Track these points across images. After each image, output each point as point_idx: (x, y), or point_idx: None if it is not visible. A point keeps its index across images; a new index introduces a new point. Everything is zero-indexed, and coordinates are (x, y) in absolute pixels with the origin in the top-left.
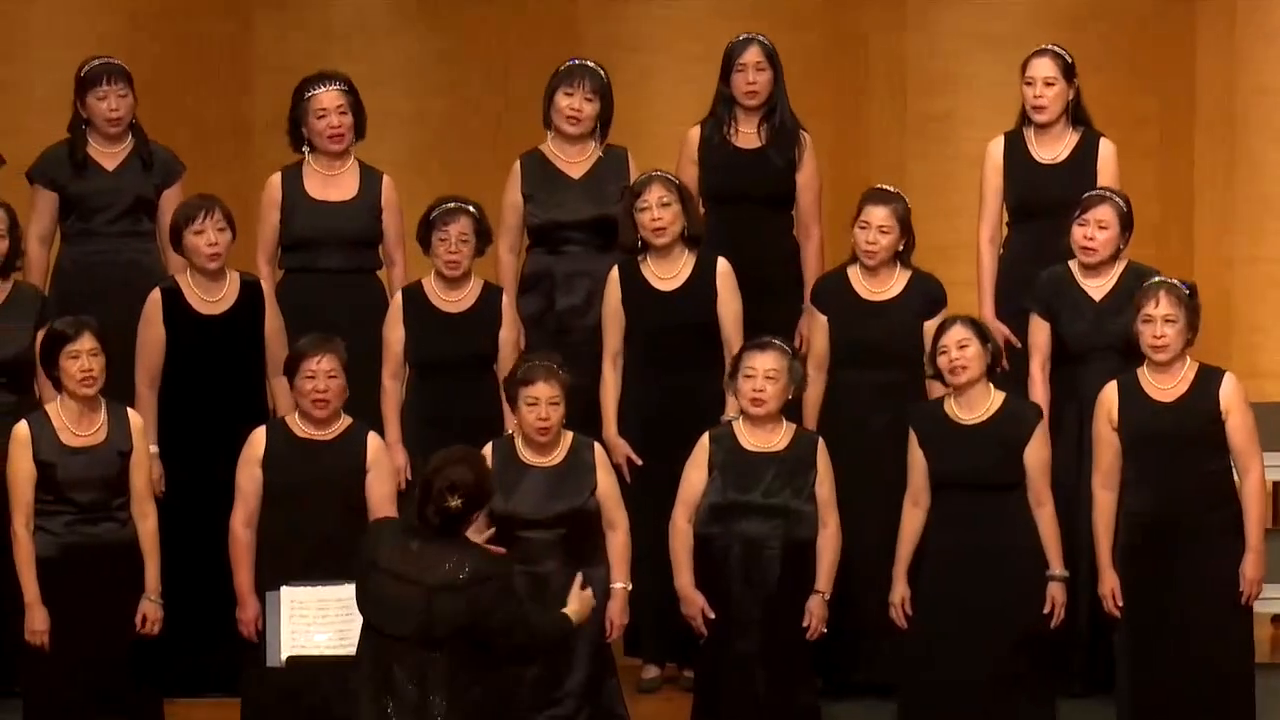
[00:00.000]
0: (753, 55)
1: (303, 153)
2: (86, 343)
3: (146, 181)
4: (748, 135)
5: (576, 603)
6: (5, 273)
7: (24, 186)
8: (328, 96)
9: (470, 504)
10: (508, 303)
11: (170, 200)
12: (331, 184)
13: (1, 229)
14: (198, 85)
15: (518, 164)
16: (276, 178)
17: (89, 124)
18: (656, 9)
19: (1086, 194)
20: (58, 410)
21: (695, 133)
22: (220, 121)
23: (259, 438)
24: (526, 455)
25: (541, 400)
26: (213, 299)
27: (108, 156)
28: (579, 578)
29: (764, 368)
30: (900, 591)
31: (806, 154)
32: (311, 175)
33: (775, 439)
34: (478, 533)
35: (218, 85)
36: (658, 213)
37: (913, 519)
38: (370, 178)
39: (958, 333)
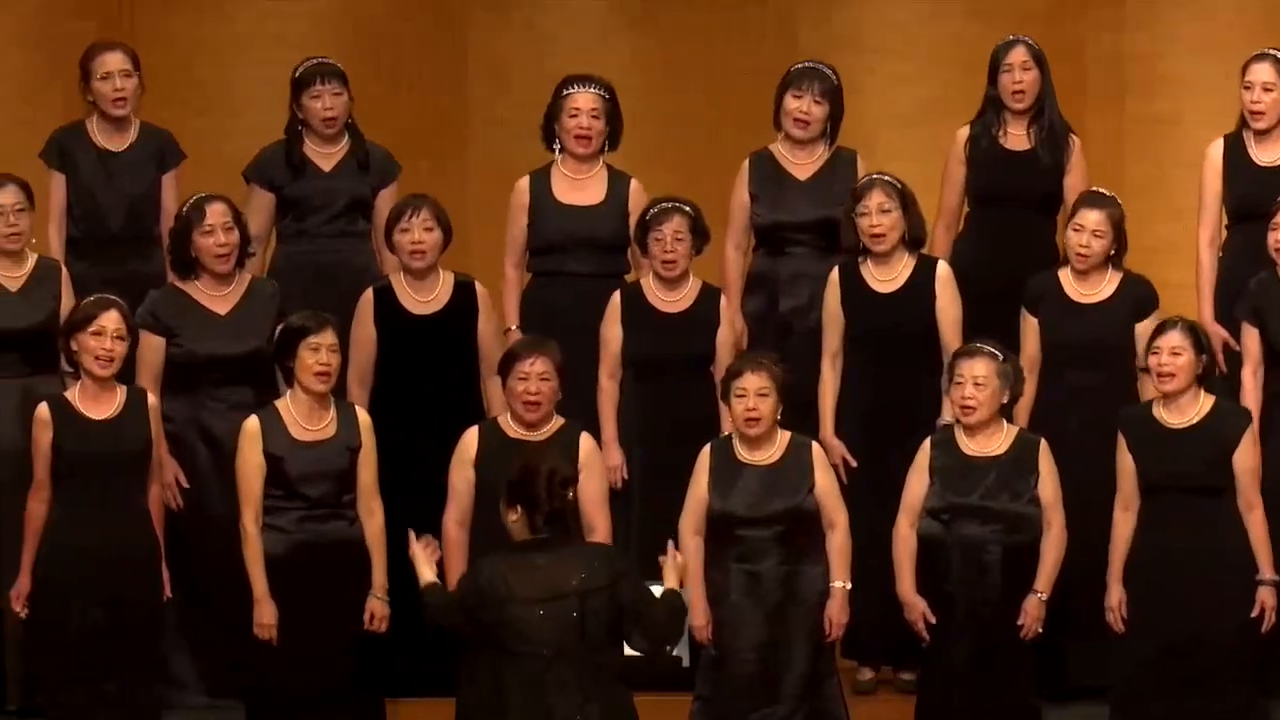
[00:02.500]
0: (1018, 56)
1: (553, 151)
2: (327, 338)
3: (363, 182)
4: (1017, 137)
5: (674, 574)
6: (241, 262)
7: (237, 186)
8: (584, 98)
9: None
10: (726, 303)
11: (386, 201)
12: (579, 188)
13: (228, 220)
14: (409, 85)
15: (746, 163)
16: (525, 181)
17: (305, 125)
18: (873, 10)
19: None
20: (288, 405)
21: (964, 133)
22: (434, 122)
23: (471, 438)
24: (743, 454)
25: (749, 391)
26: (425, 299)
27: (324, 157)
28: (670, 546)
29: (972, 374)
30: (1117, 595)
31: (1075, 157)
32: (560, 179)
33: (995, 443)
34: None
35: (429, 86)
36: (876, 219)
37: (1124, 523)
38: (618, 182)
39: (1174, 339)
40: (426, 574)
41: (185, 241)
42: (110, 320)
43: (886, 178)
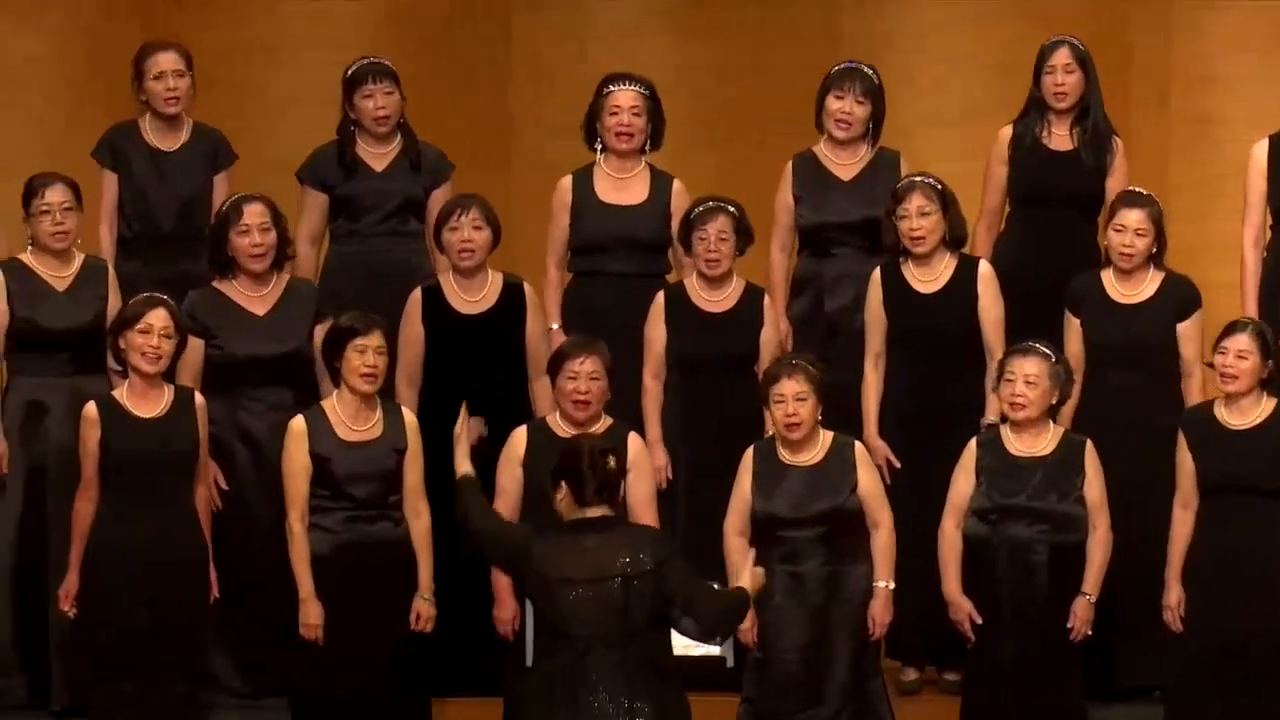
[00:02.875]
0: (1062, 57)
1: (595, 150)
2: (375, 339)
3: (415, 182)
4: (1060, 137)
5: (751, 578)
6: (279, 264)
7: (285, 186)
8: (624, 95)
9: (621, 463)
10: (769, 303)
11: (439, 201)
12: (622, 188)
13: (265, 220)
14: (457, 85)
15: (789, 165)
16: (567, 180)
17: (357, 125)
18: (918, 10)
19: None
20: (334, 405)
21: (1007, 132)
22: (478, 122)
23: (520, 437)
24: (785, 455)
25: (788, 397)
26: (473, 299)
27: (377, 157)
28: (750, 554)
29: (1024, 373)
30: (1175, 594)
31: (1118, 158)
32: (602, 178)
33: (1041, 443)
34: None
35: (477, 85)
36: (916, 222)
37: (1183, 523)
38: (661, 182)
39: (1241, 341)
40: (464, 464)
41: (221, 241)
42: (158, 318)
43: (926, 179)
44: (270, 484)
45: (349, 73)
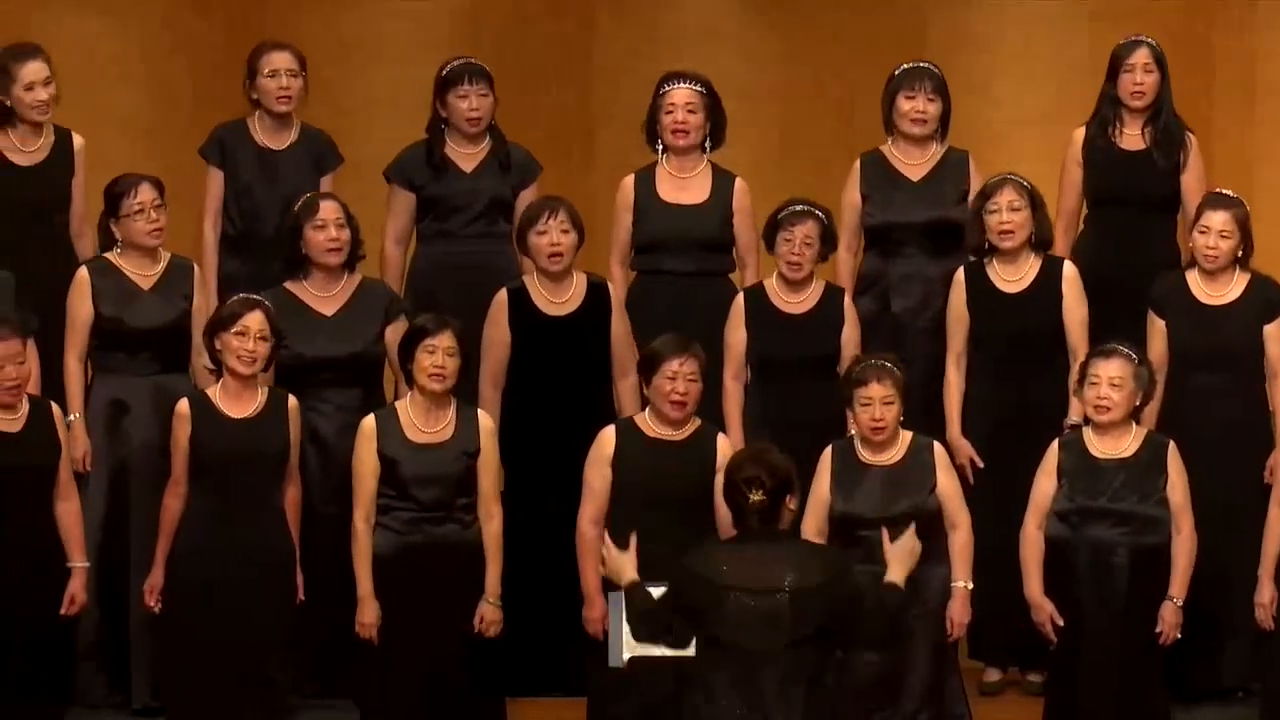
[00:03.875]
0: (1141, 57)
1: (656, 151)
2: (445, 340)
3: (503, 183)
4: (1132, 137)
5: (899, 565)
6: (351, 264)
7: (371, 187)
8: (680, 93)
9: (775, 494)
10: (849, 303)
11: (526, 202)
12: (684, 187)
13: (340, 217)
14: (538, 85)
15: (857, 164)
16: (630, 180)
17: (447, 124)
18: (1001, 9)
19: None
20: (406, 406)
21: (1080, 133)
22: (560, 122)
23: (609, 437)
24: (865, 455)
25: (875, 400)
26: (559, 300)
27: (466, 158)
28: (884, 533)
29: (1108, 375)
30: (1269, 592)
31: (1192, 157)
32: (664, 178)
33: (1124, 445)
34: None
35: (558, 85)
36: (1006, 216)
37: (1278, 521)
38: (723, 181)
39: None
40: (629, 572)
41: (296, 237)
42: (254, 321)
43: (1017, 178)
44: (337, 485)
45: (444, 72)
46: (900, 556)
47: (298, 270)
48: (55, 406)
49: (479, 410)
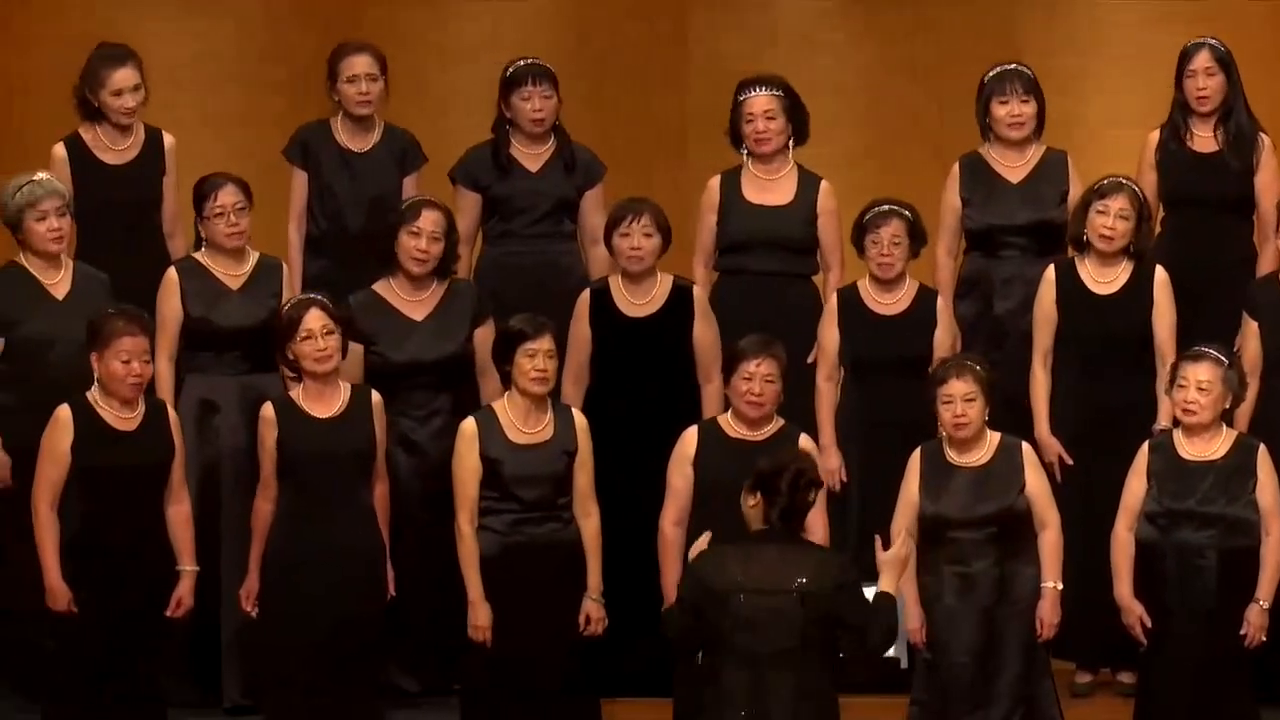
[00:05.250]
0: (1203, 60)
1: (740, 152)
2: (545, 343)
3: (568, 183)
4: (1204, 139)
5: (889, 573)
6: (444, 273)
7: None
8: (758, 101)
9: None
10: (943, 305)
11: (591, 201)
12: (769, 188)
13: (439, 230)
14: (632, 85)
15: (956, 166)
16: (715, 181)
17: (512, 125)
18: (1096, 10)
19: None
20: (504, 408)
21: (1154, 137)
22: (655, 122)
23: (691, 437)
24: (953, 456)
25: (956, 397)
26: (640, 301)
27: (531, 158)
28: (877, 541)
29: (1196, 378)
30: None
31: (1264, 157)
32: (749, 179)
33: (1213, 447)
34: None
35: (651, 85)
36: (1113, 222)
37: None
38: (808, 182)
39: None
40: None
41: (391, 236)
42: (315, 320)
43: (1134, 185)
44: (429, 488)
45: (507, 72)
46: (891, 564)
47: (390, 267)
48: (171, 409)
49: (574, 410)
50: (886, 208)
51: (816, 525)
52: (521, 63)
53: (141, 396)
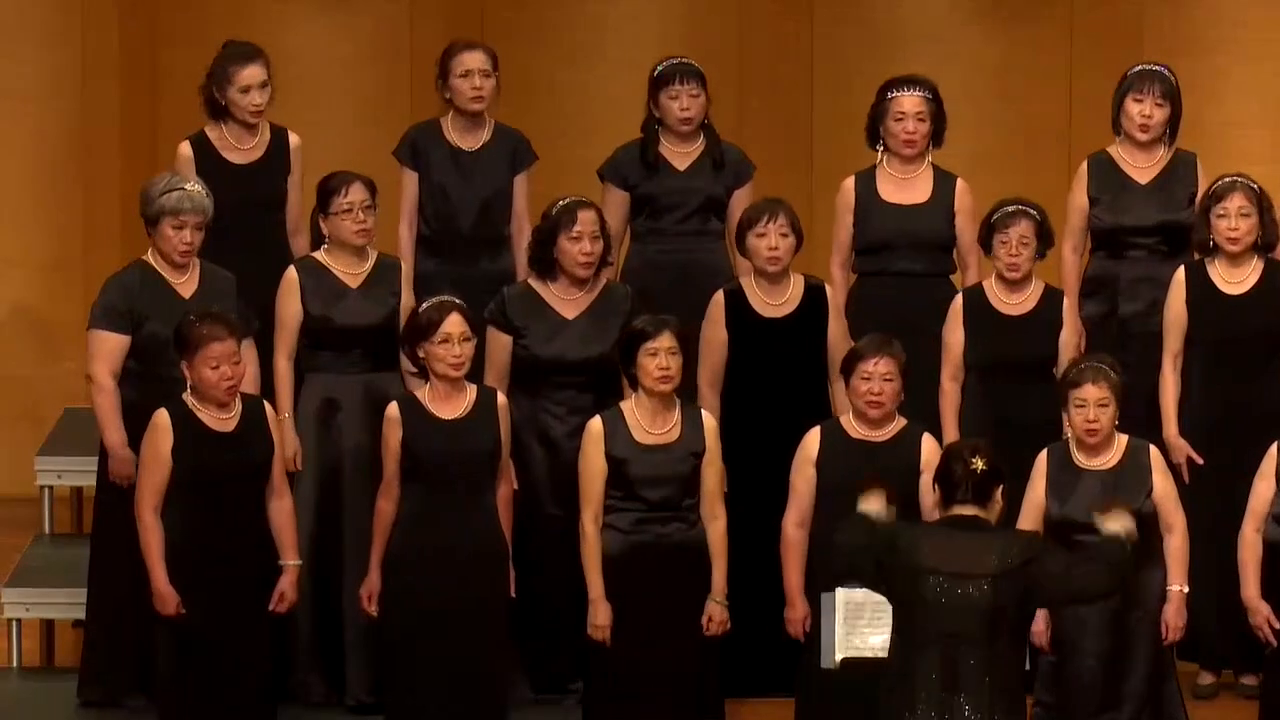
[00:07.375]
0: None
1: (877, 150)
2: (665, 341)
3: (717, 182)
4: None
5: (1117, 522)
6: (598, 271)
7: (583, 186)
8: (909, 101)
9: (991, 472)
10: (1069, 305)
11: (740, 201)
12: (905, 187)
13: (596, 229)
14: (758, 85)
15: (1084, 166)
16: (850, 181)
17: (661, 124)
18: (1221, 10)
19: None
20: (632, 408)
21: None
22: (780, 122)
23: (813, 438)
24: (1080, 459)
25: (1089, 402)
26: (776, 302)
27: (679, 156)
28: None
29: None
30: None
31: None
32: (885, 178)
33: None
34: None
35: (778, 85)
36: (1235, 222)
37: None
38: (944, 181)
39: None
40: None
41: (550, 242)
42: (454, 325)
43: (1248, 181)
44: (563, 485)
45: (656, 71)
46: (1116, 516)
47: (547, 273)
48: (268, 405)
49: (703, 411)
50: (1015, 208)
51: None
52: (670, 61)
53: (238, 397)
